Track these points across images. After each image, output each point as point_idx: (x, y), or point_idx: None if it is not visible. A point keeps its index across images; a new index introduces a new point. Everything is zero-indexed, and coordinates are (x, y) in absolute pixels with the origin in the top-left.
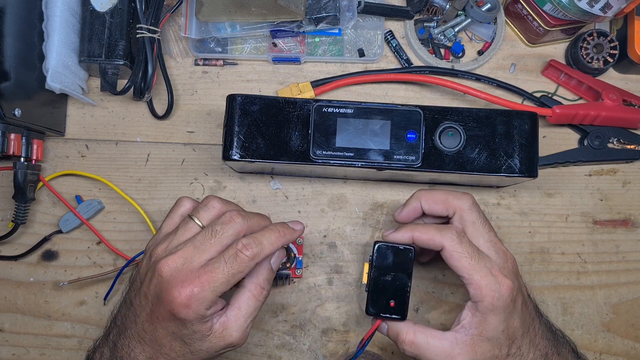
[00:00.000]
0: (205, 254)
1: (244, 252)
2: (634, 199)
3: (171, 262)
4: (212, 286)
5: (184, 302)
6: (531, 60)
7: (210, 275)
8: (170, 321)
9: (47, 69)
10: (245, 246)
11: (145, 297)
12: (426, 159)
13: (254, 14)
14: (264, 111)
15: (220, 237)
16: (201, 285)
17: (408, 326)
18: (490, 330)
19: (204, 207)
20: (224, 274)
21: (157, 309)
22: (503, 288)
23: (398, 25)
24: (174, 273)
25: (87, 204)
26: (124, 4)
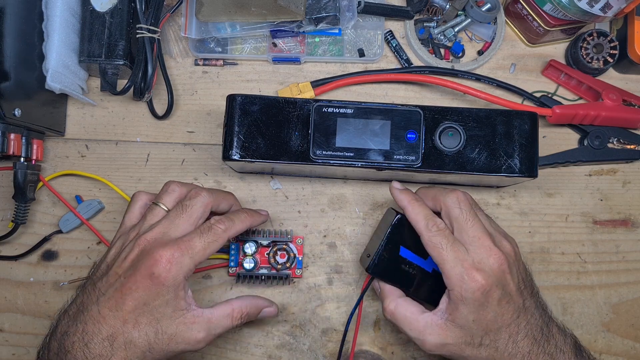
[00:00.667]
0: (180, 227)
1: (218, 225)
2: (634, 199)
3: (149, 237)
4: (190, 252)
5: (164, 264)
6: (531, 60)
7: (188, 244)
8: (145, 289)
9: (47, 69)
10: (217, 221)
11: (115, 275)
12: (426, 159)
13: (254, 14)
14: (264, 111)
15: (190, 210)
16: (180, 250)
17: (393, 296)
18: (460, 318)
19: (165, 192)
20: (200, 242)
21: (130, 279)
22: (471, 282)
23: (398, 25)
24: (153, 243)
25: (87, 204)
26: (124, 4)
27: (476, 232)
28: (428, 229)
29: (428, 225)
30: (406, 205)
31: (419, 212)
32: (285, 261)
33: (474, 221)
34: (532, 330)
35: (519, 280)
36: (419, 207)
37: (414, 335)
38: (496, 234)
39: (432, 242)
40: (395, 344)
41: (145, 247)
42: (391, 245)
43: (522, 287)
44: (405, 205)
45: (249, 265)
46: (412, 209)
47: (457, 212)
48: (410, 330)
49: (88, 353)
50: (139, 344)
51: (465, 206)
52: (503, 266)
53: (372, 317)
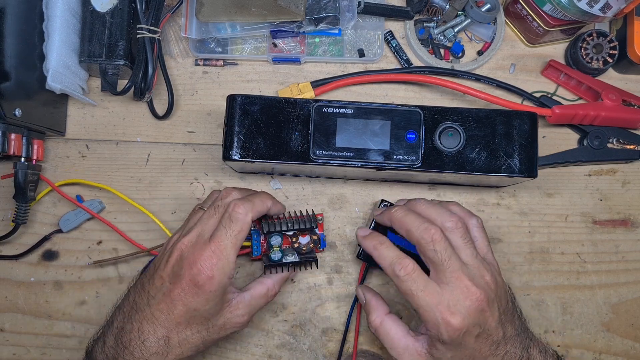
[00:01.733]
0: (212, 226)
1: (236, 210)
2: (633, 199)
3: (186, 241)
4: (224, 254)
5: (208, 274)
6: (531, 60)
7: (219, 244)
8: (193, 296)
9: (48, 69)
10: (235, 204)
11: (160, 279)
12: (426, 159)
13: (254, 14)
14: (264, 111)
15: (220, 208)
16: (216, 255)
17: (380, 312)
18: (438, 354)
19: (209, 198)
20: (227, 237)
21: (177, 286)
22: (447, 326)
23: (398, 26)
24: (190, 249)
25: (88, 204)
26: (124, 4)
27: (453, 274)
28: (396, 275)
29: (395, 270)
30: (372, 251)
31: (385, 256)
32: (308, 241)
33: (450, 261)
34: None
35: (499, 314)
36: (385, 250)
37: (394, 355)
38: (477, 267)
39: (403, 289)
40: None
41: (183, 252)
42: (378, 230)
43: (503, 319)
44: (371, 252)
45: (277, 257)
46: (378, 254)
47: (431, 254)
48: (390, 349)
49: (145, 350)
50: (193, 340)
51: (440, 246)
52: (482, 305)
53: None
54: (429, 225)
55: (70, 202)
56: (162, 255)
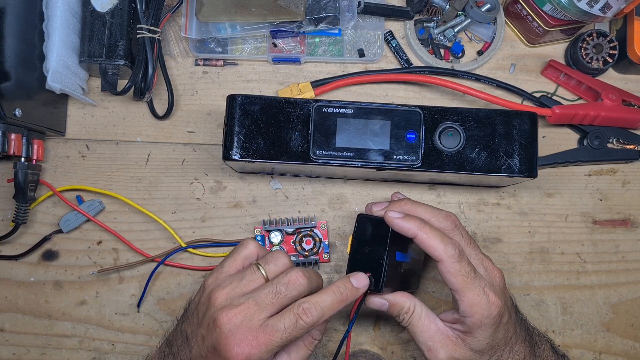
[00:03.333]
0: (265, 312)
1: (303, 319)
2: (633, 199)
3: (232, 317)
4: (268, 348)
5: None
6: (531, 60)
7: (268, 338)
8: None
9: (48, 69)
10: (305, 312)
11: (202, 339)
12: (426, 159)
13: (254, 14)
14: (264, 111)
15: (282, 298)
16: (259, 347)
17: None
18: (475, 343)
19: (273, 259)
20: (281, 338)
21: (211, 356)
22: (493, 307)
23: (398, 26)
24: (232, 328)
25: (88, 204)
26: (124, 4)
27: (479, 254)
28: (449, 255)
29: (447, 250)
30: (417, 232)
31: (434, 236)
32: (311, 247)
33: (474, 243)
34: (522, 334)
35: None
36: (431, 231)
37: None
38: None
39: (456, 269)
40: (395, 343)
41: (224, 331)
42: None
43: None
44: (416, 233)
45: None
46: (425, 235)
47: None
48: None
49: None
50: None
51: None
52: (503, 283)
53: (372, 316)
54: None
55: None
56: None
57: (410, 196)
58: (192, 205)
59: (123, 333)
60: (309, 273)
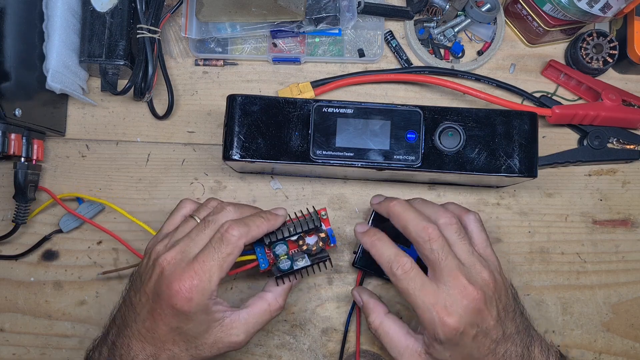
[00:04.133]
0: (199, 243)
1: (229, 232)
2: (633, 199)
3: (170, 257)
4: (207, 275)
5: (186, 296)
6: (531, 60)
7: (204, 264)
8: (173, 316)
9: (48, 69)
10: (230, 226)
11: (145, 295)
12: (426, 159)
13: (254, 14)
14: (264, 111)
15: (212, 225)
16: (198, 276)
17: (378, 312)
18: (436, 354)
19: (204, 206)
20: (214, 259)
21: (157, 305)
22: (443, 327)
23: (398, 26)
24: (172, 267)
25: (88, 204)
26: (124, 4)
27: (450, 272)
28: (393, 273)
29: (392, 268)
30: (369, 247)
31: (382, 253)
32: (316, 240)
33: (447, 260)
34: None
35: (498, 312)
36: (383, 247)
37: (393, 355)
38: (474, 264)
39: (400, 287)
40: None
41: (165, 270)
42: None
43: (502, 316)
44: (368, 248)
45: (286, 265)
46: (375, 251)
47: (428, 253)
48: (390, 349)
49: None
50: (182, 357)
51: (436, 244)
52: (479, 305)
53: None
54: (427, 224)
55: (70, 203)
56: (145, 266)
57: (410, 196)
58: None
59: None
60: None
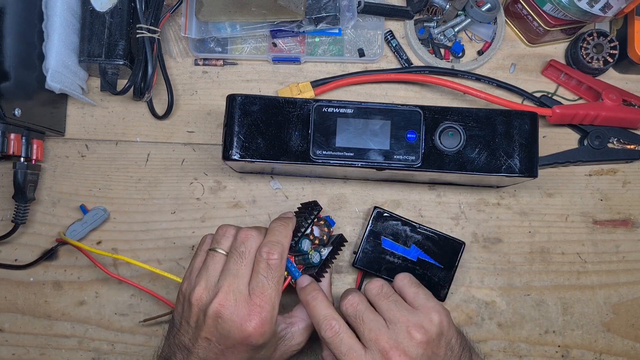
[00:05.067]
0: (245, 277)
1: (272, 258)
2: (634, 199)
3: (224, 302)
4: (270, 305)
5: (259, 332)
6: (531, 60)
7: (263, 296)
8: (247, 351)
9: (47, 69)
10: (268, 252)
11: (206, 340)
12: (426, 158)
13: (254, 14)
14: (264, 111)
15: (248, 255)
16: (262, 310)
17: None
18: None
19: (221, 236)
20: (271, 287)
21: (229, 347)
22: None
23: (398, 25)
24: (232, 310)
25: (92, 213)
26: (123, 3)
27: (371, 335)
28: (322, 336)
29: (321, 330)
30: (305, 305)
31: (315, 314)
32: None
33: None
34: None
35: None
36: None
37: None
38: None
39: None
40: None
41: (222, 314)
42: (373, 237)
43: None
44: (304, 305)
45: (316, 258)
46: (309, 310)
47: (351, 319)
48: None
49: None
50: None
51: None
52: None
53: None
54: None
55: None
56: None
57: (410, 196)
58: (191, 206)
59: (122, 333)
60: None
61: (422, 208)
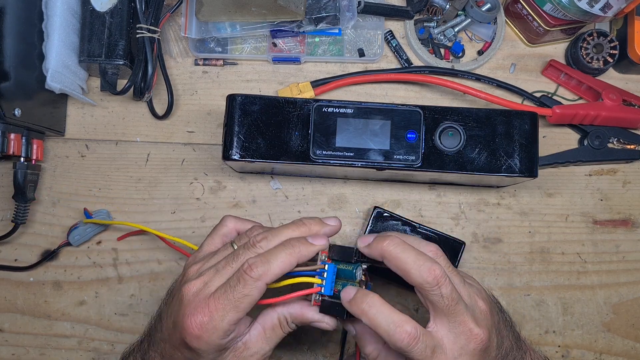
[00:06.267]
0: (223, 278)
1: (247, 273)
2: (634, 199)
3: (192, 286)
4: (220, 314)
5: (195, 333)
6: (531, 60)
7: (218, 303)
8: (185, 349)
9: (47, 69)
10: (250, 266)
11: (169, 318)
12: (426, 158)
13: (254, 14)
14: (264, 111)
15: (239, 259)
16: (210, 314)
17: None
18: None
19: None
20: (229, 299)
21: (174, 335)
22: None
23: (398, 25)
24: (191, 298)
25: (95, 215)
26: (123, 3)
27: (457, 316)
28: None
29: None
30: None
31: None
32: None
33: (456, 306)
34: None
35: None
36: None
37: None
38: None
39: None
40: None
41: (184, 298)
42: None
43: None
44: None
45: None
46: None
47: (437, 299)
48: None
49: None
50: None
51: (446, 289)
52: (484, 344)
53: None
54: (431, 265)
55: (72, 206)
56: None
57: (410, 196)
58: (191, 206)
59: (122, 333)
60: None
61: (422, 208)
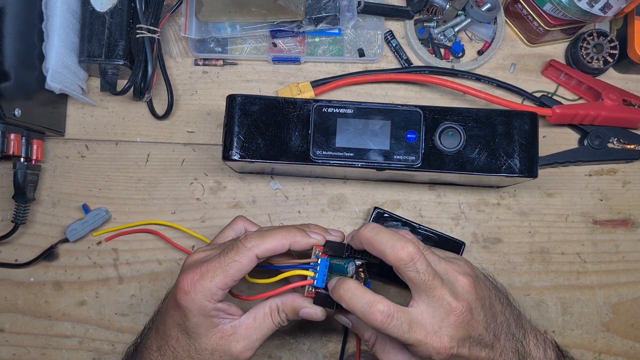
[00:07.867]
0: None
1: (241, 242)
2: (634, 199)
3: (194, 256)
4: (210, 274)
5: (185, 289)
6: (531, 60)
7: (210, 265)
8: (175, 309)
9: (47, 69)
10: (246, 237)
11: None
12: (426, 159)
13: (254, 14)
14: (264, 111)
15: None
16: (201, 273)
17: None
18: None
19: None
20: (220, 262)
21: (169, 299)
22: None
23: (398, 25)
24: (190, 264)
25: (94, 213)
26: (123, 4)
27: (434, 291)
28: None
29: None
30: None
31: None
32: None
33: (433, 281)
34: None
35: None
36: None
37: None
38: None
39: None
40: None
41: (184, 265)
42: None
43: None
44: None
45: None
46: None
47: (413, 275)
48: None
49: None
50: (183, 357)
51: (422, 265)
52: (465, 317)
53: None
54: (404, 242)
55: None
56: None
57: (410, 196)
58: (191, 206)
59: (123, 333)
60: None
61: (422, 208)
